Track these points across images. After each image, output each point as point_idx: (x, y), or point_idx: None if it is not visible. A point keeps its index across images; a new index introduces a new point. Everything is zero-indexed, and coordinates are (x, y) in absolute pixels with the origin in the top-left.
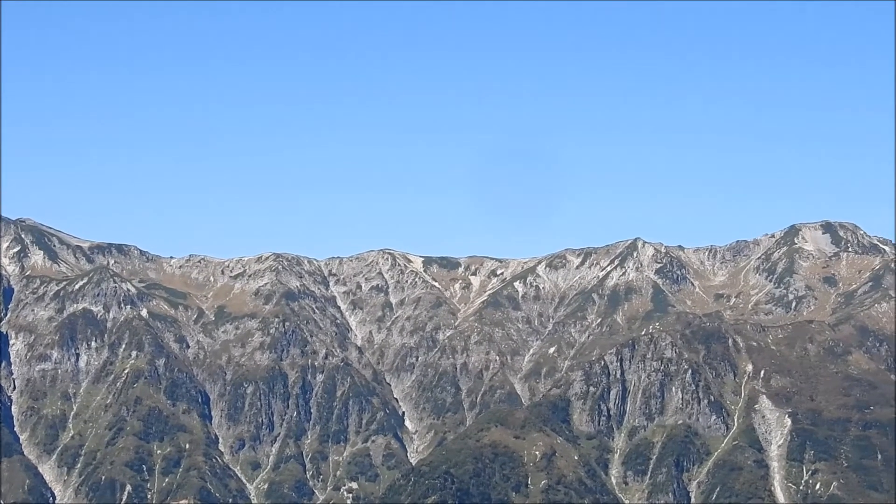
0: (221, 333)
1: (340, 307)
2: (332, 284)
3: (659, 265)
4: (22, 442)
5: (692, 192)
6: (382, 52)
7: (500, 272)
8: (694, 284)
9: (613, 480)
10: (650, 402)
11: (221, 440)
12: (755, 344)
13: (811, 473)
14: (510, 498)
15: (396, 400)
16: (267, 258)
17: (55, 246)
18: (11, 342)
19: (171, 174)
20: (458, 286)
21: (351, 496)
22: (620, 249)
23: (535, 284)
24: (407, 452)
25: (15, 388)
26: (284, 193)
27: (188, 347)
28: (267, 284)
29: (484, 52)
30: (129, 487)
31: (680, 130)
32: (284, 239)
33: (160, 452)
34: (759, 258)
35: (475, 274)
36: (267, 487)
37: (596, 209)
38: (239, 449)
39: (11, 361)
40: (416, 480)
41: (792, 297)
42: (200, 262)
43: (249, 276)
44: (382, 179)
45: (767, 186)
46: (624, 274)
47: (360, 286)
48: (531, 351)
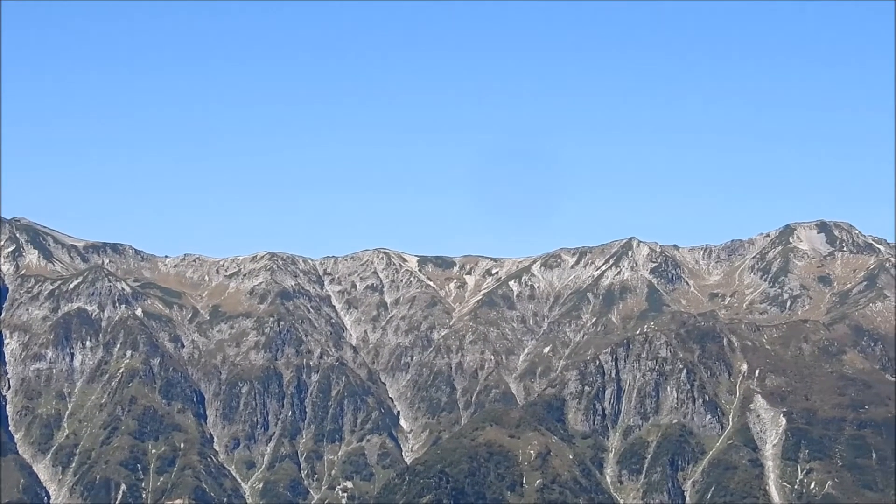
0: (216, 333)
1: (335, 306)
2: (326, 284)
3: (654, 264)
4: (17, 441)
5: (687, 191)
6: (381, 51)
7: (494, 271)
8: (689, 284)
9: (608, 480)
10: (645, 401)
11: (216, 439)
12: (750, 343)
13: (806, 473)
14: (505, 497)
15: (391, 399)
16: (262, 257)
17: (50, 245)
18: (6, 341)
19: (165, 173)
20: (452, 285)
21: (346, 495)
22: (615, 249)
23: (529, 284)
24: (402, 452)
25: (10, 387)
26: (279, 193)
27: (183, 347)
28: (262, 284)
29: (482, 52)
30: (123, 487)
31: (675, 130)
32: (279, 238)
33: (155, 452)
34: (753, 257)
35: (470, 273)
36: (262, 487)
37: (591, 209)
38: (234, 448)
39: (6, 361)
40: (410, 480)
41: (787, 296)
42: (195, 261)
43: (244, 275)
44: (377, 179)
45: (762, 186)
46: (619, 273)
47: (354, 285)
48: (526, 350)
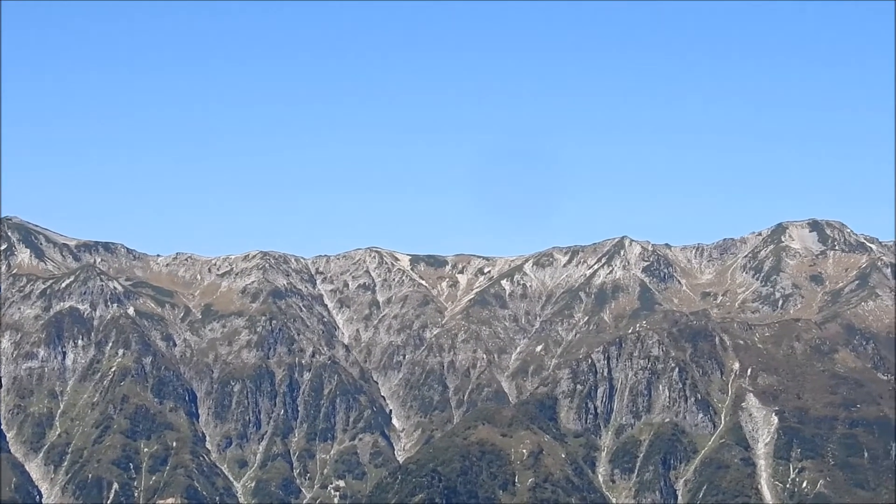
0: (208, 331)
1: (327, 305)
2: (319, 282)
3: (646, 263)
4: (8, 440)
5: (679, 190)
6: (375, 51)
7: (487, 270)
8: (681, 282)
9: (601, 478)
10: (637, 400)
11: (208, 438)
12: (742, 342)
13: (798, 471)
14: (497, 496)
15: (384, 398)
16: (254, 256)
17: (42, 244)
18: None
19: (157, 173)
20: (445, 284)
21: (338, 494)
22: (607, 248)
23: (522, 283)
24: (394, 450)
25: (1, 386)
26: (271, 192)
27: (175, 346)
28: (254, 283)
29: (479, 52)
30: (115, 485)
31: (667, 130)
32: (271, 237)
33: (147, 450)
34: (745, 256)
35: (462, 272)
36: (254, 486)
37: (583, 208)
38: (226, 447)
39: None
40: (403, 479)
41: (779, 295)
42: (187, 260)
43: (236, 274)
44: (369, 178)
45: (754, 185)
46: (611, 272)
47: (347, 284)
48: (518, 349)
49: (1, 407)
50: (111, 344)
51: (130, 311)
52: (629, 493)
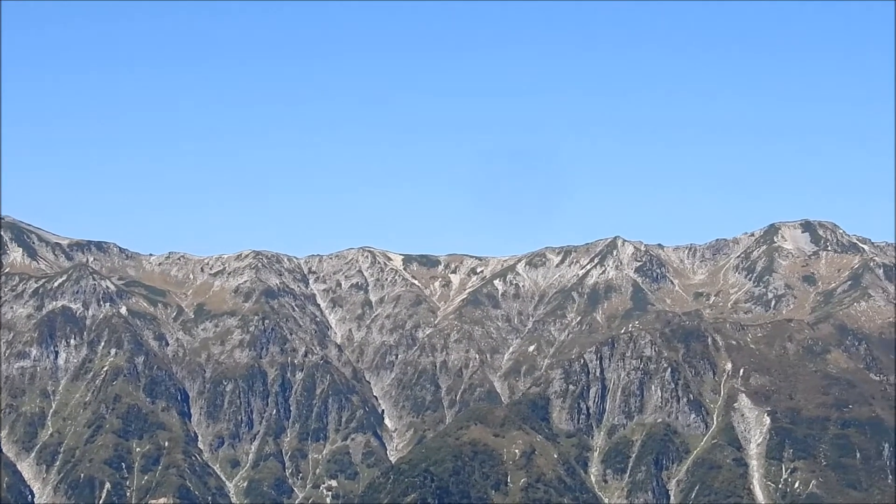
0: (201, 331)
1: (320, 305)
2: (311, 282)
3: (638, 263)
4: (1, 439)
5: (672, 190)
6: (372, 51)
7: (479, 270)
8: (673, 283)
9: (593, 479)
10: (629, 400)
11: (201, 438)
12: (734, 342)
13: (790, 472)
14: (489, 496)
15: (376, 398)
16: (246, 256)
17: (34, 243)
18: None
19: (150, 172)
20: (437, 284)
21: (330, 494)
22: (600, 248)
23: (514, 283)
24: (386, 450)
25: None
26: (264, 191)
27: (167, 345)
28: (246, 282)
29: (474, 51)
30: (108, 485)
31: (660, 130)
32: (264, 236)
33: (139, 450)
34: (738, 257)
35: (455, 272)
36: (246, 485)
37: (576, 208)
38: (218, 447)
39: None
40: (395, 478)
41: (771, 295)
42: (180, 259)
43: (229, 273)
44: (361, 177)
45: (747, 185)
46: (604, 272)
47: (339, 284)
48: (511, 349)
49: None
50: (103, 343)
51: (123, 310)
52: (621, 493)
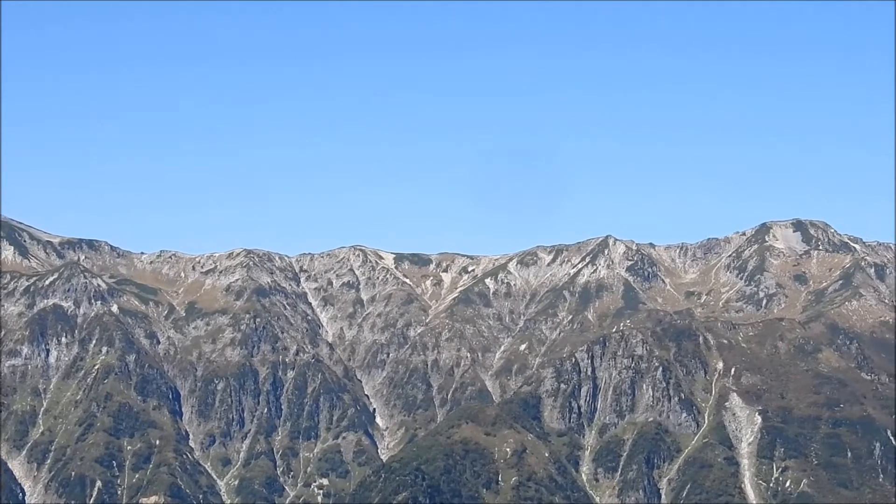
0: (192, 329)
1: (311, 303)
2: (303, 281)
3: (630, 262)
4: None
5: (663, 189)
6: (365, 50)
7: (471, 269)
8: (665, 282)
9: (584, 477)
10: (621, 399)
11: (192, 436)
12: (726, 341)
13: (781, 471)
14: (481, 495)
15: (367, 396)
16: (238, 254)
17: (26, 241)
18: None
19: (142, 171)
20: (429, 283)
21: (321, 493)
22: (592, 247)
23: (506, 281)
24: (378, 449)
25: None
26: (255, 190)
27: (159, 343)
28: (238, 280)
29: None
30: (99, 483)
31: (652, 129)
32: (255, 235)
33: (130, 448)
34: (729, 256)
35: (446, 271)
36: (237, 484)
37: (568, 207)
38: (209, 445)
39: None
40: (386, 477)
41: (762, 294)
42: (171, 257)
43: (220, 272)
44: (353, 176)
45: (738, 184)
46: (595, 271)
47: (331, 282)
48: (502, 348)
49: None
50: (95, 341)
51: (114, 308)
52: (613, 492)
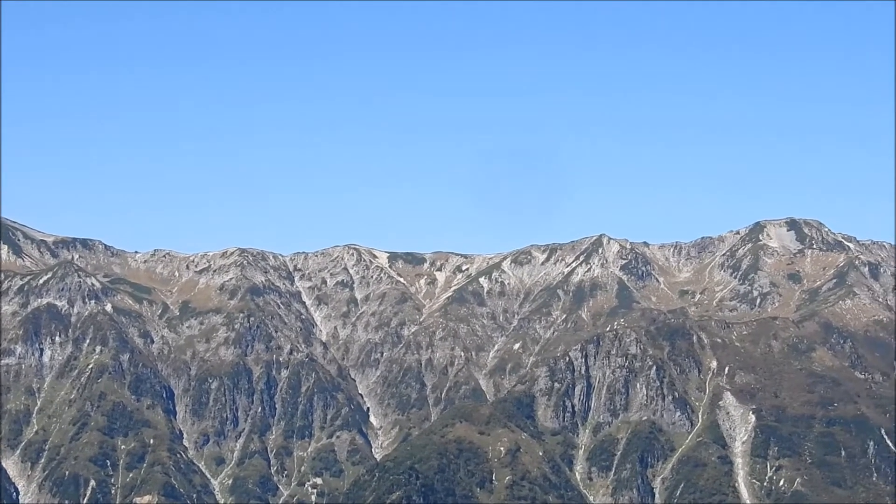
0: (186, 328)
1: (305, 302)
2: (297, 280)
3: (624, 261)
4: None
5: (657, 188)
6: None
7: (465, 268)
8: (659, 281)
9: (578, 476)
10: (615, 398)
11: (186, 435)
12: (719, 340)
13: (775, 470)
14: (475, 494)
15: (361, 395)
16: (232, 253)
17: (20, 240)
18: None
19: (136, 170)
20: (423, 282)
21: (315, 492)
22: (585, 246)
23: (500, 280)
24: (371, 448)
25: None
26: (250, 189)
27: (153, 342)
28: (232, 279)
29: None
30: (93, 482)
31: (646, 128)
32: (249, 234)
33: (124, 448)
34: (723, 255)
35: (440, 269)
36: (231, 483)
37: (565, 206)
38: (203, 444)
39: None
40: (380, 476)
41: (756, 293)
42: (165, 256)
43: (214, 271)
44: (348, 175)
45: (732, 183)
46: (589, 270)
47: (325, 281)
48: (496, 347)
49: None
50: (89, 341)
51: (108, 307)
52: (606, 491)
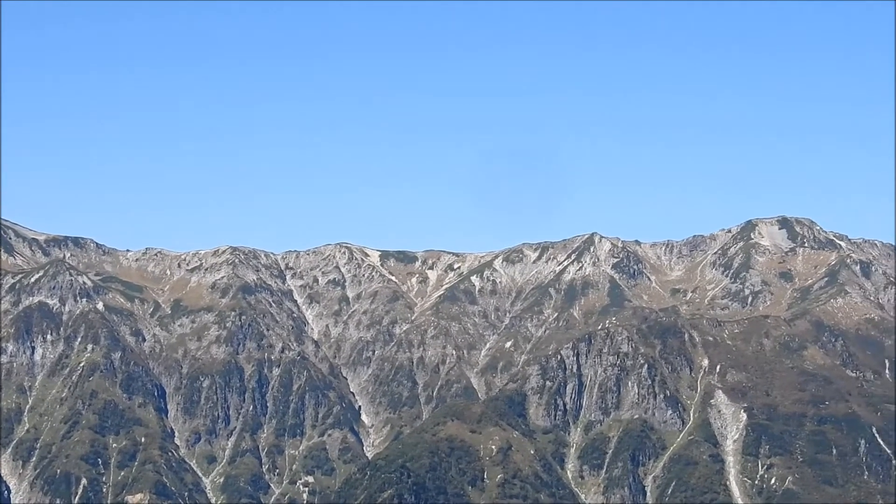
0: (178, 327)
1: (297, 301)
2: (288, 278)
3: (616, 260)
4: None
5: (649, 187)
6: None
7: (456, 266)
8: (650, 279)
9: (569, 475)
10: (606, 396)
11: (177, 434)
12: (711, 339)
13: (766, 468)
14: (466, 492)
15: (353, 394)
16: (223, 251)
17: (11, 239)
18: None
19: (128, 168)
20: (414, 280)
21: (307, 490)
22: (577, 244)
23: (491, 279)
24: (363, 446)
25: None
26: (241, 187)
27: (144, 341)
28: (223, 278)
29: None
30: (84, 481)
31: (638, 125)
32: (241, 232)
33: (116, 446)
34: (715, 253)
35: (432, 268)
36: (223, 481)
37: (565, 205)
38: (195, 442)
39: None
40: (372, 474)
41: (748, 292)
42: (157, 255)
43: (206, 269)
44: (341, 174)
45: (724, 182)
46: (581, 268)
47: (316, 280)
48: (488, 345)
49: None
50: (80, 339)
51: (100, 306)
52: (598, 489)
